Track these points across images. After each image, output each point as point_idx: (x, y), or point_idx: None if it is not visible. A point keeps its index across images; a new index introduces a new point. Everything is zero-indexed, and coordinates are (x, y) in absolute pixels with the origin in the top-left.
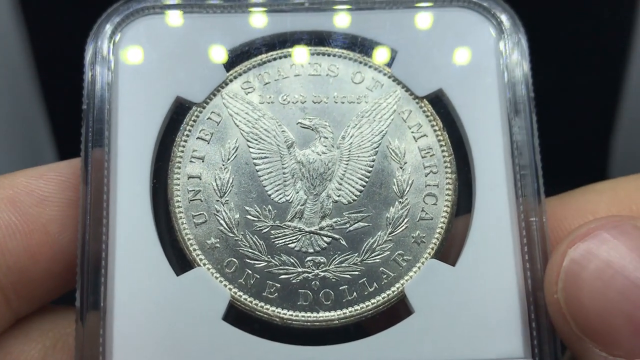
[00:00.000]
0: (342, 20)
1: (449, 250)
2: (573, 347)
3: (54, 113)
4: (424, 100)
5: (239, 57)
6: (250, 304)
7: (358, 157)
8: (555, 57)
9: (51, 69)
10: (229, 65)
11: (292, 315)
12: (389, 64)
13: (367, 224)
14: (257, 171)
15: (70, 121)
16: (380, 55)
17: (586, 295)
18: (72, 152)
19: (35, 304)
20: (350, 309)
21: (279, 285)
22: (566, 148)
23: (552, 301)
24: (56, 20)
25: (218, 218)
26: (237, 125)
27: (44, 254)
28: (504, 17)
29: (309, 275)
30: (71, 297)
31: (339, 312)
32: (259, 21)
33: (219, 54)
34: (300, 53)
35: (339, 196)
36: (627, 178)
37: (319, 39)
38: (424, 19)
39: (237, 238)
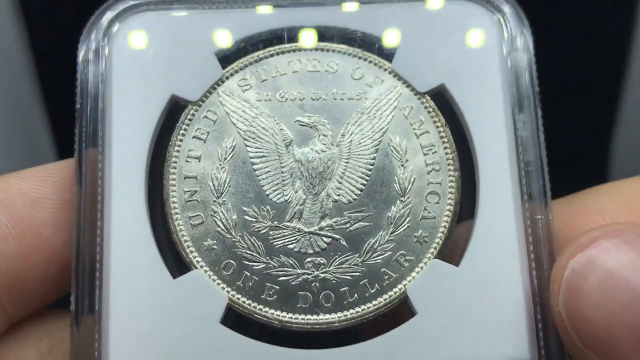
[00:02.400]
0: (341, 15)
1: (453, 250)
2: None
3: (54, 113)
4: (426, 96)
5: (235, 53)
6: (248, 307)
7: (358, 155)
8: (555, 55)
9: (50, 68)
10: (225, 62)
11: (291, 317)
12: (390, 60)
13: (368, 224)
14: (255, 171)
15: (70, 121)
16: (381, 50)
17: (588, 307)
18: (72, 153)
19: (29, 308)
20: (351, 311)
21: (278, 287)
22: (565, 146)
23: (555, 313)
24: (55, 18)
25: (215, 219)
26: (234, 124)
27: (38, 257)
28: (507, 11)
29: (309, 276)
30: (67, 301)
31: (339, 314)
32: (255, 17)
33: (214, 51)
34: (299, 49)
35: (339, 195)
36: (635, 179)
37: (317, 35)
38: (425, 13)
39: (234, 239)
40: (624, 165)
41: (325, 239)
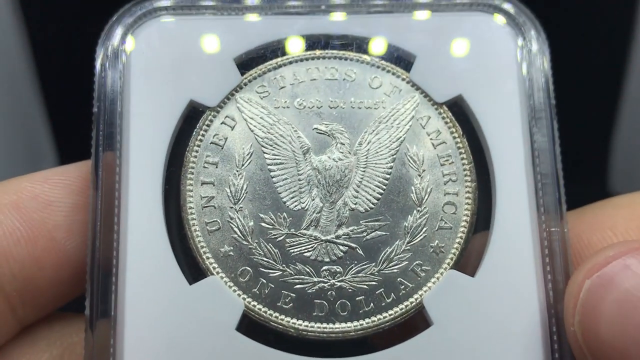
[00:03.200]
0: (360, 24)
1: (469, 261)
2: None
3: (55, 115)
4: (443, 106)
5: (254, 60)
6: (264, 314)
7: (375, 164)
8: (554, 55)
9: (52, 70)
10: (244, 69)
11: (307, 326)
12: (408, 69)
13: (384, 233)
14: (272, 178)
15: (71, 123)
16: (399, 60)
17: (604, 329)
18: (73, 154)
19: (41, 312)
20: (367, 320)
21: (294, 295)
22: (565, 146)
23: (570, 333)
24: (57, 21)
25: (232, 225)
26: (252, 131)
27: (50, 260)
28: (524, 22)
29: (325, 285)
30: (79, 305)
31: (355, 323)
32: (274, 24)
33: (233, 57)
34: (317, 57)
35: (355, 204)
36: None
37: (336, 43)
38: (442, 24)
39: (251, 246)
40: (624, 165)
41: (341, 247)
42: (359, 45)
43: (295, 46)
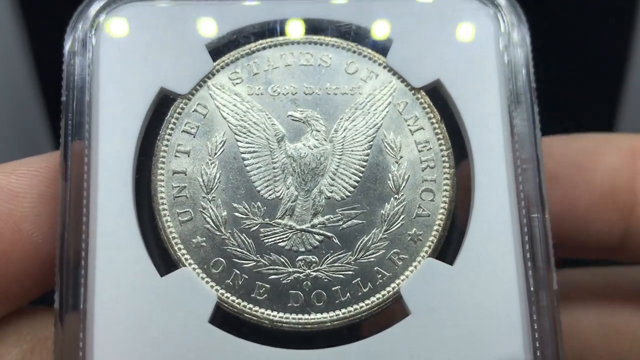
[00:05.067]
0: (335, 8)
1: (447, 249)
2: None
3: (52, 109)
4: (421, 91)
5: (226, 46)
6: (238, 306)
7: (352, 151)
8: (555, 54)
9: (49, 64)
10: (216, 55)
11: (282, 317)
12: (384, 54)
13: (361, 221)
14: (246, 166)
15: None
16: (375, 44)
17: None
18: None
19: (10, 306)
20: (343, 310)
21: (268, 286)
22: None
23: None
24: (55, 11)
25: (204, 215)
26: (225, 118)
27: (17, 253)
28: (503, 5)
29: (300, 275)
30: (51, 298)
31: (331, 313)
32: (248, 9)
33: (205, 43)
34: (291, 42)
35: (331, 192)
36: None
37: (310, 28)
38: (420, 7)
39: (224, 236)
40: None
41: (317, 236)
42: (335, 29)
43: (268, 31)
